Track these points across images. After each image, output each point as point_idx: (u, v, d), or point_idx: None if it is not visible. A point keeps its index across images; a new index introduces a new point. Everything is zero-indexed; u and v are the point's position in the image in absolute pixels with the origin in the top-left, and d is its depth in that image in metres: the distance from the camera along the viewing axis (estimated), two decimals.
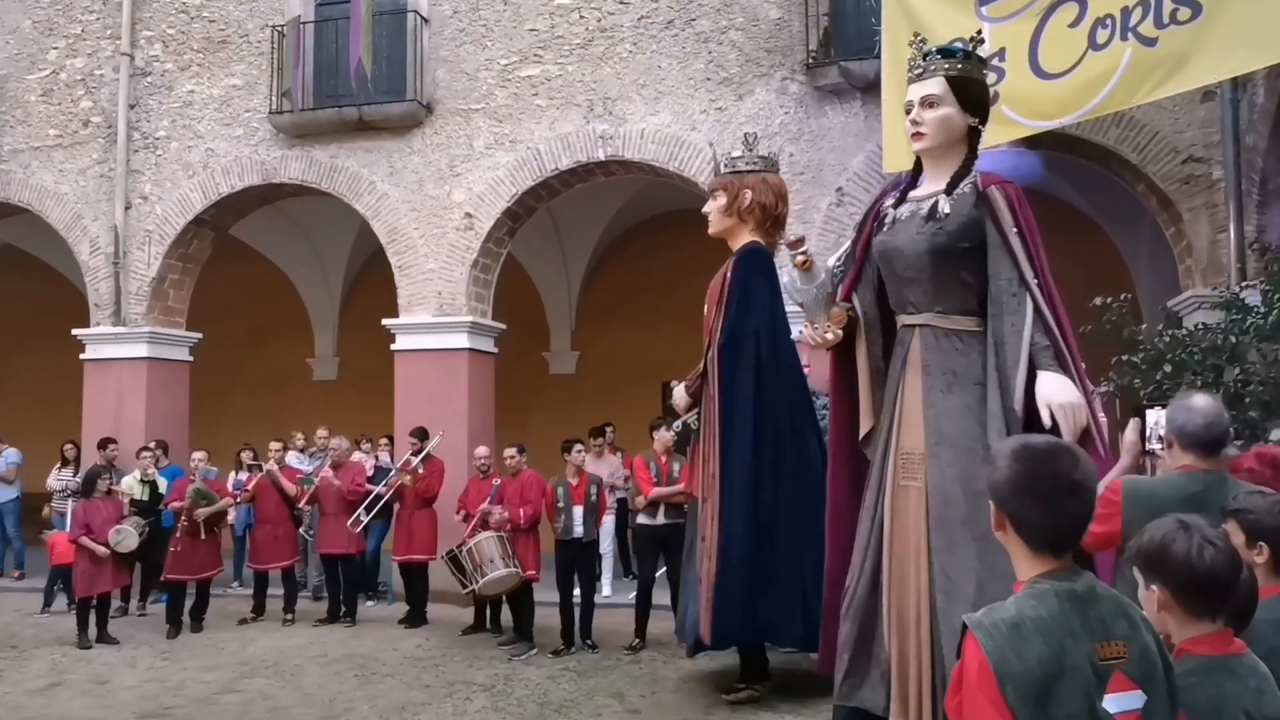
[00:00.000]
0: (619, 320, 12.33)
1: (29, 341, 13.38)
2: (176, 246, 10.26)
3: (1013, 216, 3.19)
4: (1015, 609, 1.64)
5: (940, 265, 3.32)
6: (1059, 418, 2.96)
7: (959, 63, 3.34)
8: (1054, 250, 10.21)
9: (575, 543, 7.30)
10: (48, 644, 7.77)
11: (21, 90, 10.67)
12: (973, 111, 3.33)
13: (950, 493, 3.14)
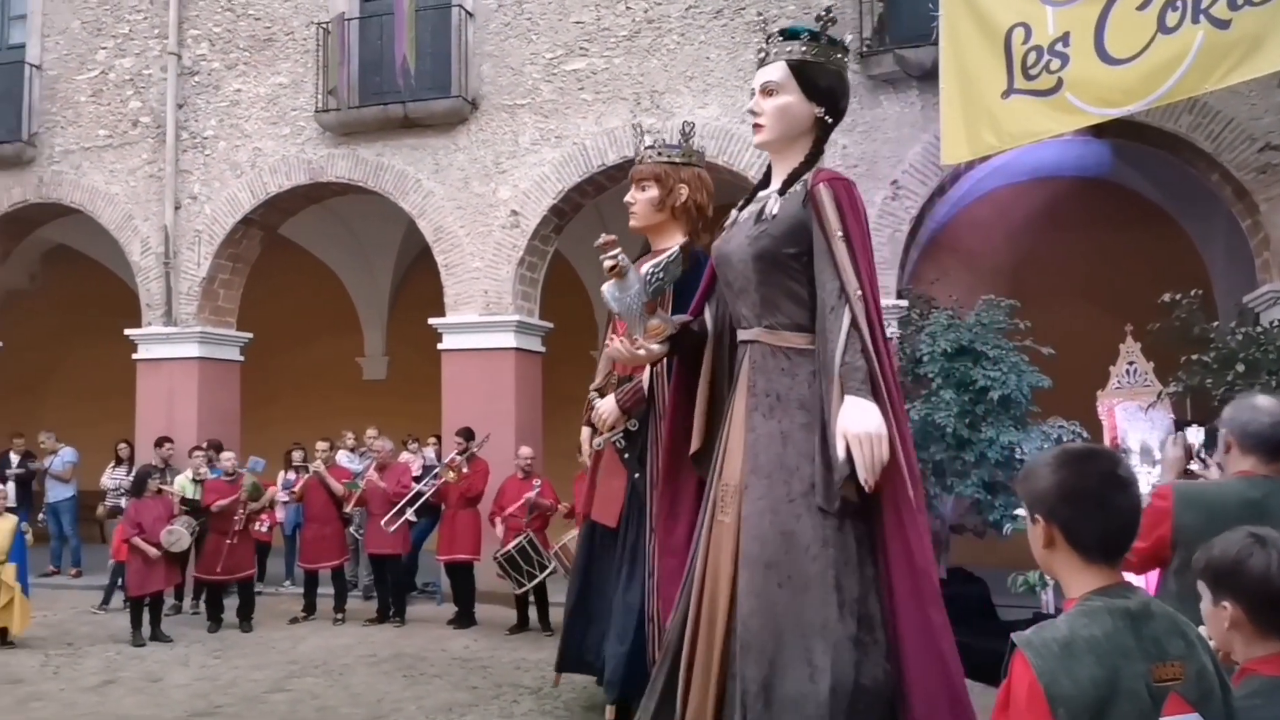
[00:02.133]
0: None
1: (83, 341, 13.61)
2: (226, 246, 10.31)
3: (839, 218, 2.77)
4: (1067, 627, 1.57)
5: (766, 274, 2.92)
6: (854, 450, 2.57)
7: (802, 45, 3.00)
8: (1124, 242, 9.90)
9: None
10: (103, 641, 7.85)
11: (71, 91, 10.80)
12: (819, 100, 2.95)
13: (759, 530, 2.74)
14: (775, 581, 2.68)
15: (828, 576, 2.63)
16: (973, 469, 6.98)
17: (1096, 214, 9.51)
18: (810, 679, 2.54)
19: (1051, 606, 6.47)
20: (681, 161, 4.66)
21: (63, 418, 12.63)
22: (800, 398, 2.83)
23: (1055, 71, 6.66)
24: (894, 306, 8.15)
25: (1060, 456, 1.67)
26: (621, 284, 3.18)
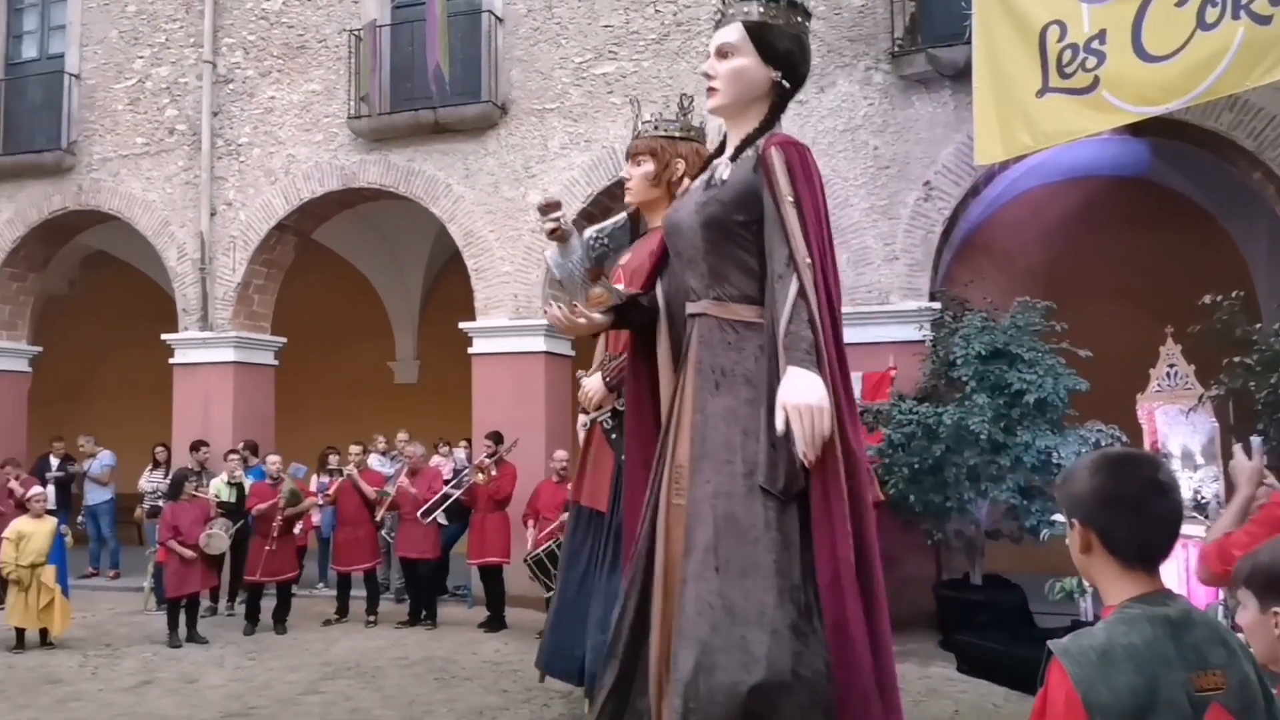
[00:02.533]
0: None
1: (121, 346, 13.82)
2: (260, 252, 10.43)
3: (790, 182, 2.61)
4: (1105, 635, 1.54)
5: (715, 242, 2.79)
6: (792, 422, 2.43)
7: (760, 7, 2.80)
8: (1163, 243, 9.72)
9: None
10: (140, 642, 7.95)
11: (109, 99, 10.99)
12: (776, 64, 2.78)
13: (702, 514, 2.63)
14: (713, 566, 2.55)
15: (767, 562, 2.50)
16: (1008, 473, 6.87)
17: (1134, 214, 9.35)
18: (744, 668, 2.41)
19: (1090, 614, 6.35)
20: (680, 136, 4.50)
21: (101, 421, 12.83)
22: (746, 373, 2.70)
23: (1091, 69, 6.55)
24: (926, 309, 8.06)
25: (1099, 460, 1.65)
26: (564, 249, 3.07)
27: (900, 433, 7.08)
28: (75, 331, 14.06)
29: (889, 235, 8.32)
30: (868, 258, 8.37)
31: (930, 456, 6.92)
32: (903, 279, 8.25)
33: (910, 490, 7.00)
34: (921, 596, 7.60)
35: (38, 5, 11.61)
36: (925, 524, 7.29)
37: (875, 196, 8.39)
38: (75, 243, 12.23)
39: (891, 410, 7.28)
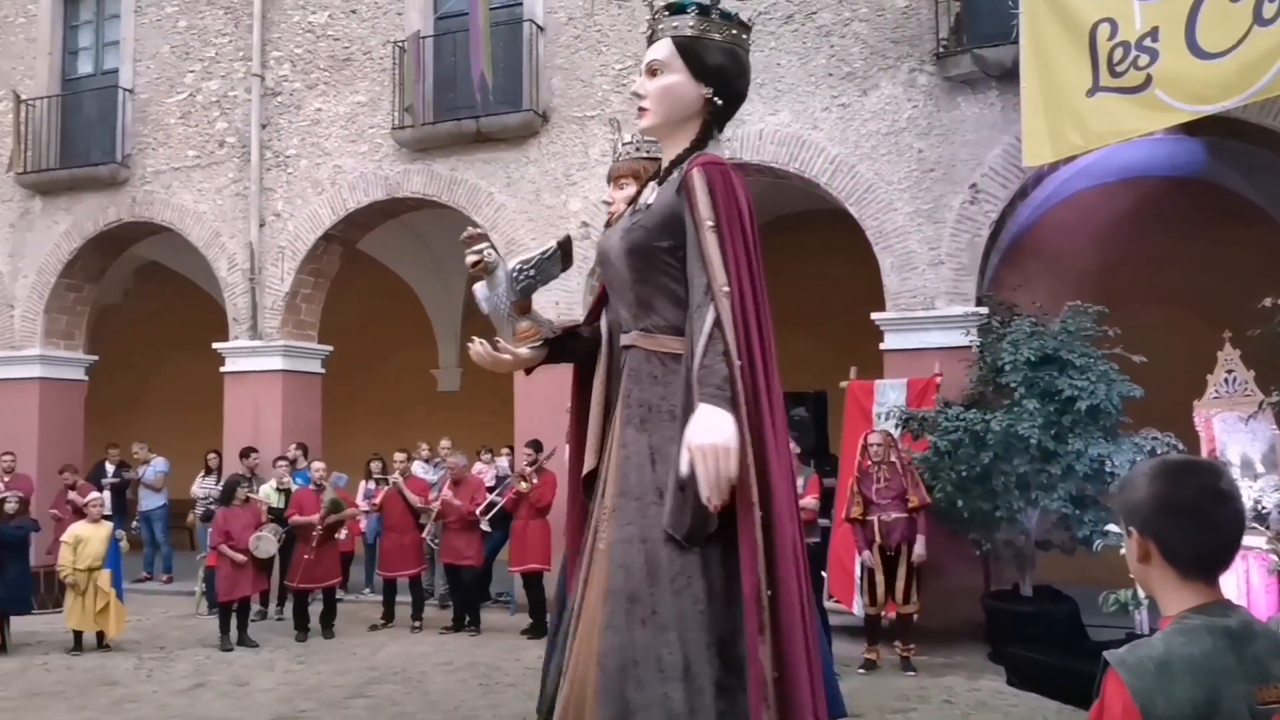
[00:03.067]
0: None
1: (173, 354, 14.12)
2: (308, 262, 10.60)
3: (711, 204, 2.38)
4: (1163, 646, 1.49)
5: (641, 270, 2.61)
6: (695, 464, 2.23)
7: (690, 20, 2.60)
8: (1220, 244, 9.44)
9: None
10: (192, 645, 8.11)
11: (161, 113, 11.25)
12: (707, 80, 2.56)
13: (625, 559, 2.45)
14: (639, 618, 2.37)
15: (693, 613, 2.32)
16: (1059, 482, 6.72)
17: (1190, 215, 9.10)
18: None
19: (1145, 626, 6.19)
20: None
21: (154, 428, 13.12)
22: (672, 409, 2.51)
23: (1144, 68, 6.41)
24: (973, 314, 7.92)
25: (1158, 467, 1.60)
26: (491, 281, 2.88)
27: (947, 440, 6.96)
28: (129, 341, 14.40)
29: (934, 239, 8.20)
30: (912, 262, 8.26)
31: (978, 464, 6.80)
32: (948, 284, 8.12)
33: (958, 499, 6.87)
34: (969, 607, 7.46)
35: (92, 22, 11.93)
36: (973, 533, 7.16)
37: (919, 200, 8.27)
38: (129, 253, 12.54)
39: (937, 417, 7.16)
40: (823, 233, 11.03)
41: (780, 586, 2.21)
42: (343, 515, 8.70)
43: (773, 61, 8.83)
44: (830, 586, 7.67)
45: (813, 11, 8.74)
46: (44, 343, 11.61)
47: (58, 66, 11.86)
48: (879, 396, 7.88)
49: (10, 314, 11.75)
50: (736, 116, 8.95)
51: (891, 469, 6.94)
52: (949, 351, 7.84)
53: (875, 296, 8.45)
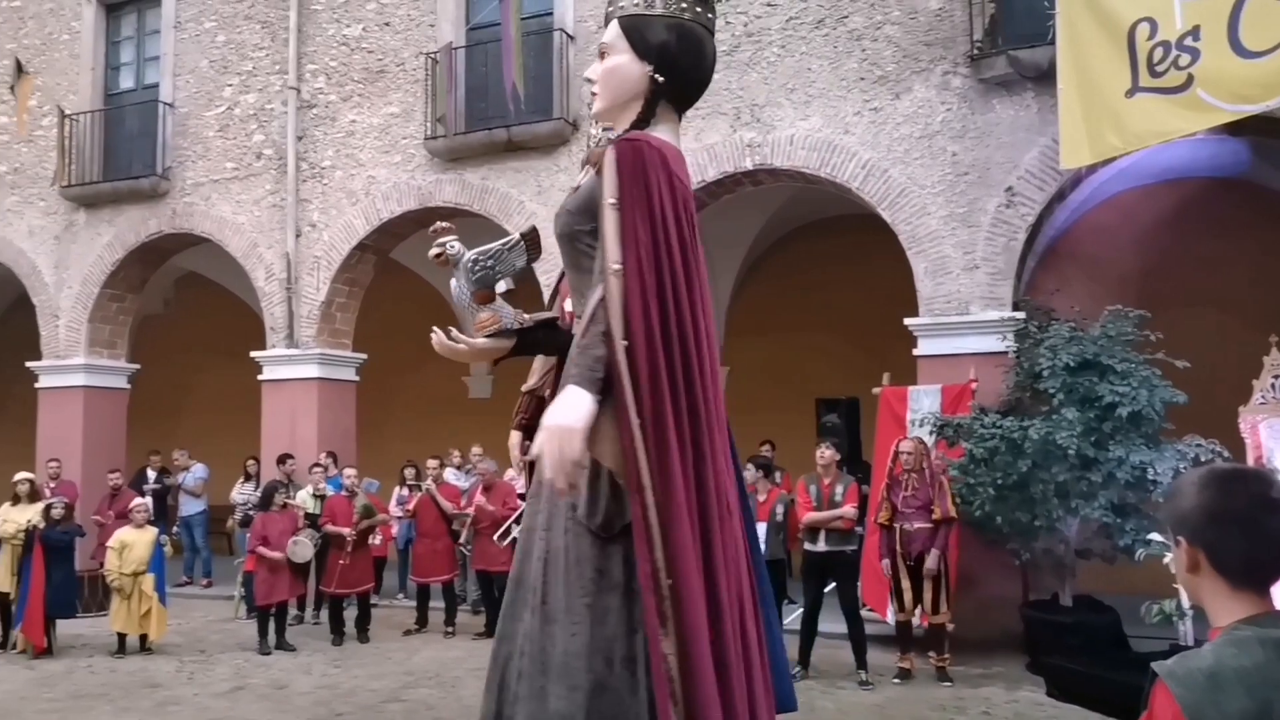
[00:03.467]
0: (770, 333, 12.01)
1: (212, 363, 14.35)
2: (343, 271, 10.73)
3: (616, 182, 2.20)
4: (1213, 657, 1.46)
5: (570, 255, 2.52)
6: (537, 444, 2.14)
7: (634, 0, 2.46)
8: (1265, 246, 9.21)
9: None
10: (231, 649, 8.22)
11: (201, 126, 11.45)
12: (649, 58, 2.39)
13: (526, 548, 2.39)
14: (530, 607, 2.28)
15: (578, 605, 2.20)
16: (1100, 490, 6.60)
17: (1233, 216, 8.90)
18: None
19: (1190, 638, 6.04)
20: None
21: (194, 435, 13.34)
22: None
23: (1185, 67, 6.29)
24: (1010, 319, 7.81)
25: (1206, 476, 1.58)
26: (457, 273, 2.81)
27: (983, 447, 6.87)
28: (170, 349, 14.66)
29: (969, 244, 8.10)
30: (946, 267, 8.16)
31: (1015, 472, 6.69)
32: (984, 288, 8.02)
33: (995, 508, 6.77)
34: (1006, 617, 7.34)
35: (134, 38, 12.19)
36: (1011, 543, 7.04)
37: (954, 204, 8.18)
38: (170, 264, 12.77)
39: (973, 424, 7.07)
40: (854, 238, 10.95)
41: (681, 578, 2.04)
42: (374, 521, 8.79)
43: (803, 66, 8.79)
44: (864, 594, 7.59)
45: (844, 16, 8.69)
46: (88, 352, 11.86)
47: (100, 82, 12.13)
48: (913, 403, 7.80)
49: (56, 324, 12.02)
50: (767, 121, 8.86)
51: (920, 478, 6.86)
52: (985, 357, 7.73)
53: (908, 302, 8.37)
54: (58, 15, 12.30)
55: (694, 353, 2.16)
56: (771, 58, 8.93)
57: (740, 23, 9.08)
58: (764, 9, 9.00)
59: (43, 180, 12.08)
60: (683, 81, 2.36)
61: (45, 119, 11.90)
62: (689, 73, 2.35)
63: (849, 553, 6.95)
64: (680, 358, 2.14)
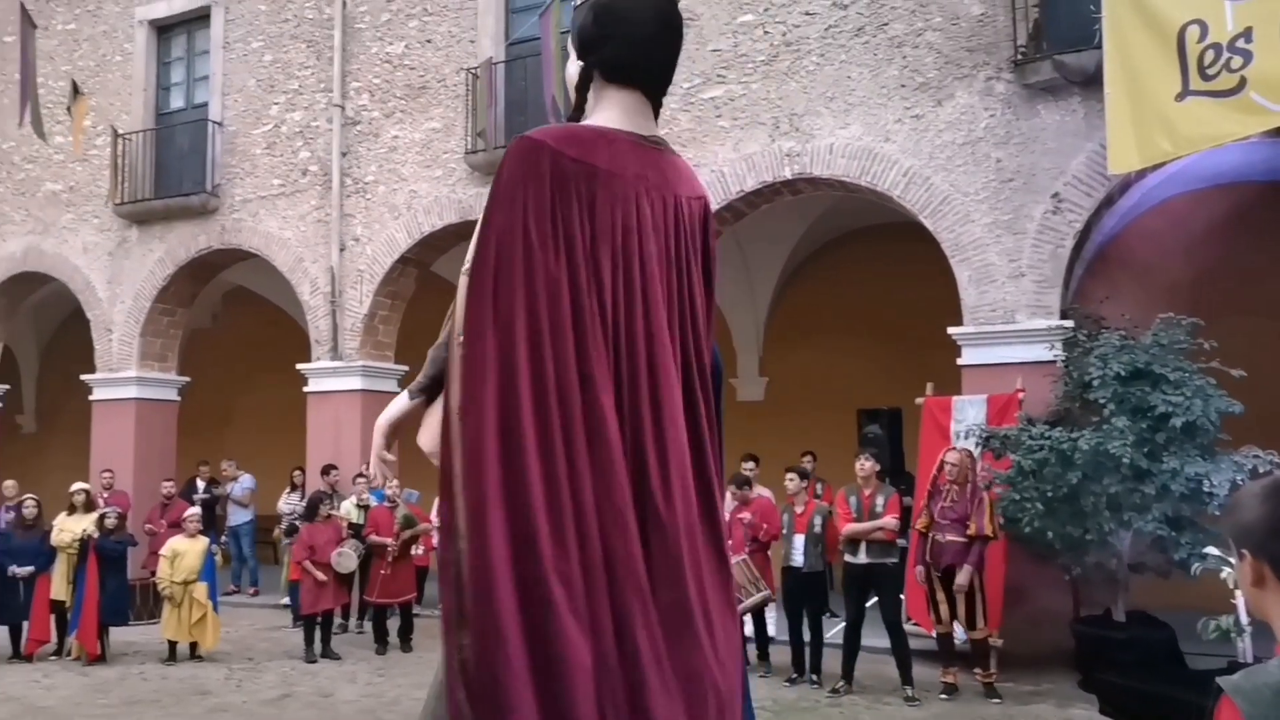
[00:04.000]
0: (810, 343, 11.93)
1: (260, 375, 14.61)
2: (385, 284, 10.86)
3: (496, 178, 1.96)
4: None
5: None
6: None
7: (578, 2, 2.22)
8: None
9: (796, 572, 7.17)
10: (279, 657, 8.34)
11: (248, 144, 11.69)
12: (578, 51, 2.14)
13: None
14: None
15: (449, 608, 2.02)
16: (1154, 503, 6.42)
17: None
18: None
19: (1249, 655, 5.84)
20: None
21: (241, 446, 13.57)
22: None
23: (1237, 70, 6.15)
24: (1057, 327, 7.67)
25: (1270, 487, 1.53)
26: None
27: (1031, 459, 6.73)
28: (218, 362, 14.96)
29: (1014, 251, 7.97)
30: (991, 275, 8.04)
31: (1065, 484, 6.54)
32: (1030, 296, 7.88)
33: (1044, 521, 6.63)
34: (1058, 633, 7.17)
35: (184, 59, 12.50)
36: (1061, 557, 6.88)
37: (999, 211, 8.06)
38: (218, 279, 13.04)
39: (1020, 435, 6.94)
40: (895, 246, 10.84)
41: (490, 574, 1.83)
42: (416, 531, 8.87)
43: (843, 75, 8.73)
44: (908, 608, 7.48)
45: (884, 23, 8.63)
46: (140, 365, 12.14)
47: (152, 102, 12.44)
48: (957, 413, 7.68)
49: (109, 338, 12.32)
50: (806, 130, 8.80)
51: (961, 491, 6.75)
52: (1032, 367, 7.59)
53: (951, 310, 8.26)
54: (111, 38, 12.65)
55: (580, 344, 1.86)
56: (810, 66, 8.89)
57: (778, 32, 9.06)
58: (802, 18, 8.97)
59: (97, 198, 12.42)
60: (606, 51, 2.04)
61: (99, 139, 12.23)
62: (611, 40, 2.03)
63: (891, 565, 6.85)
64: (552, 349, 1.87)
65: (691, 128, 9.38)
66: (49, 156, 12.71)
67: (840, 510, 6.98)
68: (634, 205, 1.88)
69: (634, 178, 1.91)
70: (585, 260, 1.85)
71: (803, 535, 7.12)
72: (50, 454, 15.41)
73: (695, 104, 9.38)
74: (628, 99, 2.01)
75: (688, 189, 2.02)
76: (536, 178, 1.88)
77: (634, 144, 1.94)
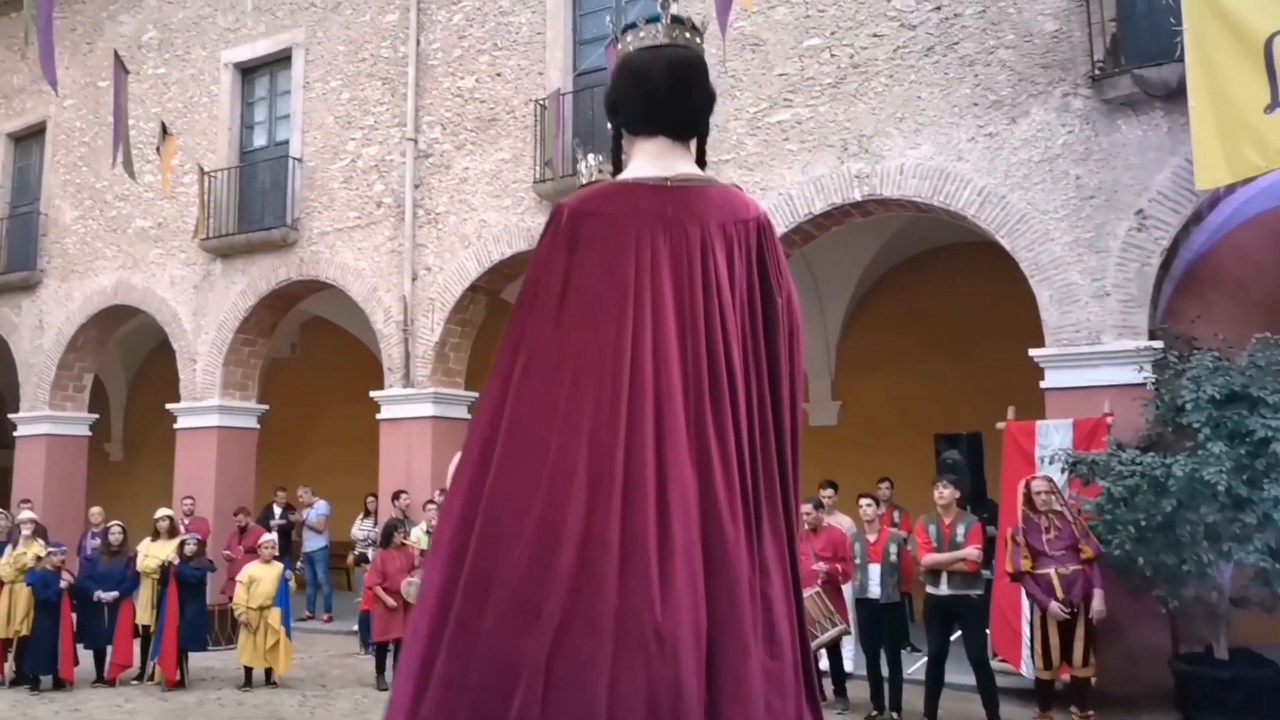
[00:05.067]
0: (884, 367, 11.70)
1: (335, 403, 14.93)
2: (456, 312, 11.02)
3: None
4: None
5: None
6: None
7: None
8: None
9: (872, 603, 6.96)
10: (351, 684, 8.40)
11: (326, 179, 12.04)
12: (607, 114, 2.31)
13: None
14: None
15: None
16: (1255, 533, 6.07)
17: None
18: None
19: None
20: None
21: (317, 473, 13.84)
22: None
23: None
24: (1146, 348, 7.35)
25: None
26: None
27: (1121, 486, 6.43)
28: (296, 390, 15.34)
29: (1097, 270, 7.70)
30: (1073, 295, 7.77)
31: (1159, 513, 6.23)
32: (1116, 316, 7.58)
33: (1138, 551, 6.30)
34: (1155, 671, 6.80)
35: (266, 99, 12.97)
36: (1157, 588, 6.54)
37: (1079, 229, 7.81)
38: (296, 309, 13.41)
39: (1110, 460, 6.64)
40: (969, 267, 10.59)
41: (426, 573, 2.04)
42: None
43: (912, 95, 8.60)
44: (994, 644, 7.17)
45: (954, 43, 8.49)
46: (222, 394, 12.51)
47: (236, 140, 12.92)
48: (1041, 438, 7.40)
49: (193, 368, 12.74)
50: (875, 151, 8.69)
51: (1060, 517, 6.45)
52: (1120, 389, 7.28)
53: (1031, 332, 7.99)
54: (198, 80, 13.21)
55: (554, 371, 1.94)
56: (879, 88, 8.78)
57: (845, 55, 8.98)
58: (870, 40, 8.88)
59: (184, 233, 12.91)
60: (628, 110, 2.21)
61: (186, 176, 12.74)
62: (630, 100, 2.19)
63: (974, 597, 6.58)
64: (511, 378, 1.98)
65: (759, 151, 9.34)
66: (139, 194, 13.28)
67: (920, 539, 6.75)
68: (648, 242, 1.99)
69: (650, 218, 2.01)
70: (589, 300, 1.96)
71: (878, 565, 6.90)
72: (136, 481, 15.95)
73: (762, 128, 9.34)
74: (652, 146, 2.14)
75: (726, 216, 2.08)
76: (554, 235, 2.03)
77: (653, 188, 2.05)
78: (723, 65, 9.60)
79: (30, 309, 14.34)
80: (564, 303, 1.96)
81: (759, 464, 1.97)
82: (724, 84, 9.60)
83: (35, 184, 14.76)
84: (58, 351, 13.95)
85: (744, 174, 9.38)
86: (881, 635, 6.96)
